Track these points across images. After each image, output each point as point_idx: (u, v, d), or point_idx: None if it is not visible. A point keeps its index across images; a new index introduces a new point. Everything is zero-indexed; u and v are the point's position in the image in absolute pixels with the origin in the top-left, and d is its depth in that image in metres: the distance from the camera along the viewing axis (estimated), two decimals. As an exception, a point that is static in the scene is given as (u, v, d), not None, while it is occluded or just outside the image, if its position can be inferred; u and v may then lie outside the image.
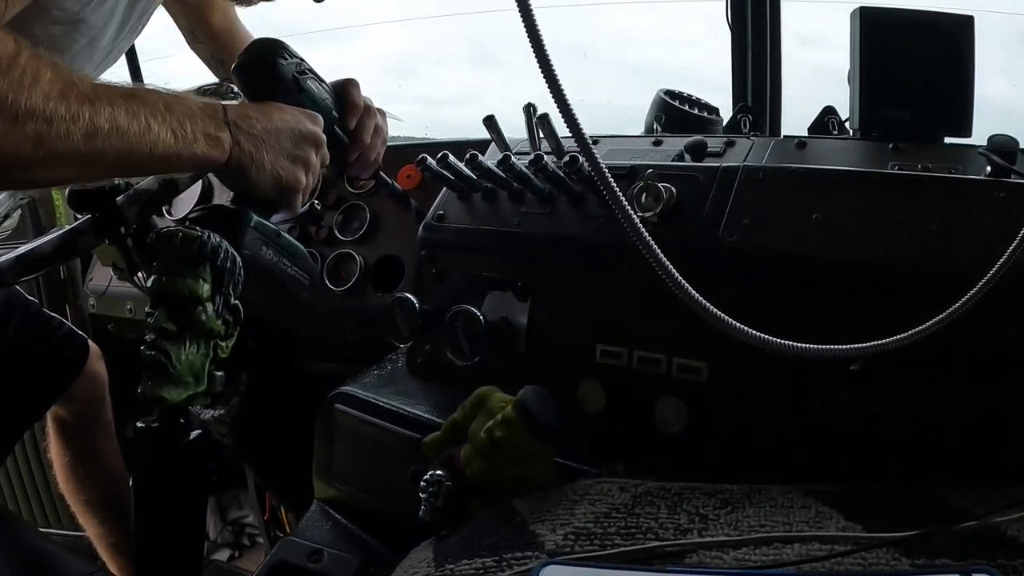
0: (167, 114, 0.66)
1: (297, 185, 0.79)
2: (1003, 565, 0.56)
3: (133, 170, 0.70)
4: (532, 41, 0.63)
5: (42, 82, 0.58)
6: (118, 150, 0.63)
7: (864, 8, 1.04)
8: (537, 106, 1.08)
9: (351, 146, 0.92)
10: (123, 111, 0.63)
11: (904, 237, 0.80)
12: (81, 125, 0.60)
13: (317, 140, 0.81)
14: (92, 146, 0.61)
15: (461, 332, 1.01)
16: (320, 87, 0.85)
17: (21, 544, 1.09)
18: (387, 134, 0.98)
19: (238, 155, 0.73)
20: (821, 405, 0.81)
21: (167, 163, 0.68)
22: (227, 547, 2.07)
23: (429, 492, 0.79)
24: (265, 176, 0.76)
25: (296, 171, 0.78)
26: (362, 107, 0.91)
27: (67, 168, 0.62)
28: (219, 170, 0.73)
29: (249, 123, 0.74)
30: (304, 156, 0.79)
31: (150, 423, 0.71)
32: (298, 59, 0.83)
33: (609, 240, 0.94)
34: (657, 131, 1.30)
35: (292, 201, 0.80)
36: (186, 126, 0.68)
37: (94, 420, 1.55)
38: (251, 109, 0.76)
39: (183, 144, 0.67)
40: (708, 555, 0.62)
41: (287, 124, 0.78)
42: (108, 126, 0.62)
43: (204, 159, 0.70)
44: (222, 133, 0.71)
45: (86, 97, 0.61)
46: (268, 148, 0.75)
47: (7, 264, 0.85)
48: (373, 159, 0.96)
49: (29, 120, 0.57)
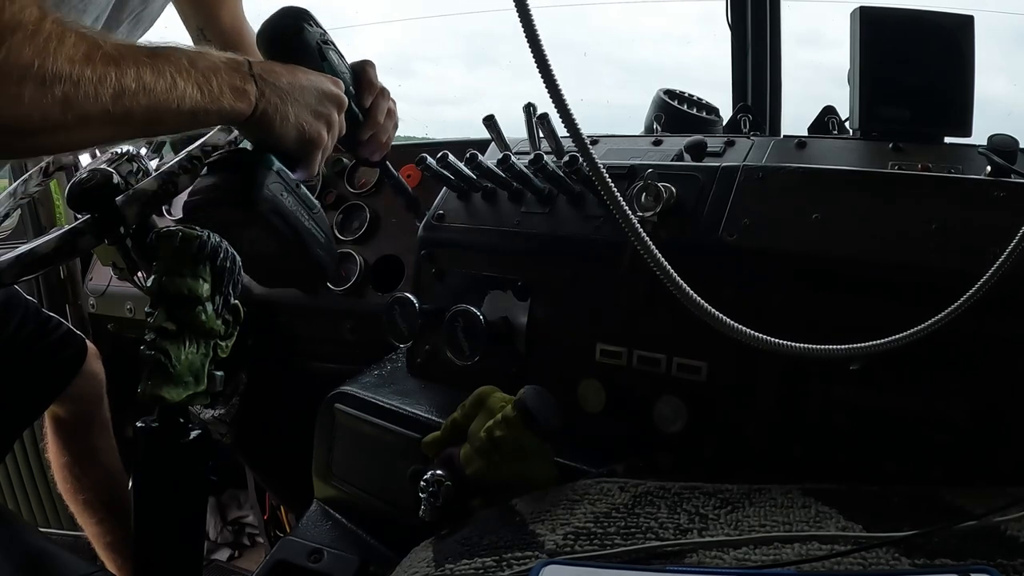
0: (192, 69, 0.67)
1: (319, 140, 0.80)
2: (1003, 565, 0.56)
3: (162, 128, 0.70)
4: (530, 41, 0.63)
5: (67, 46, 0.58)
6: (146, 108, 0.63)
7: (864, 8, 1.04)
8: (537, 106, 1.08)
9: (365, 124, 0.92)
10: (149, 69, 0.63)
11: (904, 236, 0.80)
12: (108, 86, 0.60)
13: (339, 100, 0.82)
14: (120, 106, 0.61)
15: (461, 332, 1.01)
16: (340, 60, 0.87)
17: (21, 543, 1.09)
18: (398, 120, 0.99)
19: (264, 106, 0.73)
20: (821, 405, 0.81)
21: (195, 118, 0.69)
22: (227, 547, 2.07)
23: (429, 492, 0.79)
24: (289, 128, 0.76)
25: (319, 126, 0.79)
26: (378, 87, 0.93)
27: (97, 129, 0.63)
28: (244, 122, 0.74)
29: (275, 76, 0.75)
30: (327, 113, 0.80)
31: (150, 423, 0.71)
32: (322, 29, 0.84)
33: (609, 239, 0.94)
34: (657, 131, 1.30)
35: (313, 156, 0.81)
36: (212, 80, 0.68)
37: (92, 419, 1.55)
38: (276, 65, 0.77)
39: (210, 98, 0.68)
40: (708, 555, 0.62)
41: (311, 82, 0.79)
42: (135, 85, 0.62)
43: (231, 112, 0.71)
44: (248, 85, 0.72)
45: (111, 58, 0.61)
46: (293, 101, 0.76)
47: (6, 264, 0.85)
48: (385, 140, 0.97)
49: (56, 84, 0.57)
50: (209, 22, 1.28)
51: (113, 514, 1.57)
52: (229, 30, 1.29)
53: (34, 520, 2.07)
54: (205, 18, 1.28)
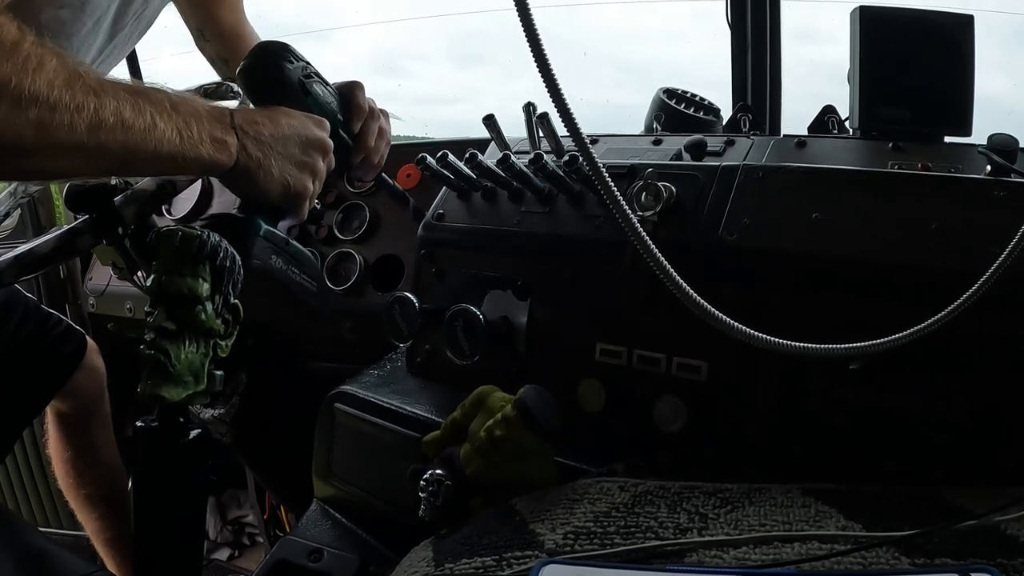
0: (173, 113, 0.65)
1: (305, 192, 0.78)
2: (1003, 564, 0.56)
3: (136, 168, 0.68)
4: (530, 41, 0.63)
5: (47, 69, 0.57)
6: (122, 145, 0.62)
7: (864, 7, 1.04)
8: (537, 105, 1.08)
9: (356, 149, 0.91)
10: (128, 106, 0.62)
11: (904, 236, 0.80)
12: (85, 116, 0.59)
13: (324, 146, 0.80)
14: (96, 139, 0.60)
15: (461, 331, 1.01)
16: (326, 91, 0.85)
17: (21, 543, 1.09)
18: (390, 136, 0.98)
19: (245, 160, 0.72)
20: (821, 404, 0.81)
21: (172, 163, 0.67)
22: (227, 546, 2.07)
23: (429, 491, 0.79)
24: (273, 183, 0.75)
25: (304, 178, 0.78)
26: (367, 110, 0.91)
27: (69, 159, 0.61)
28: (225, 175, 0.72)
29: (256, 129, 0.73)
30: (311, 163, 0.78)
31: (149, 422, 0.71)
32: (304, 62, 0.82)
33: (609, 239, 0.94)
34: (657, 130, 1.30)
35: (300, 208, 0.80)
36: (192, 127, 0.67)
37: (93, 414, 1.55)
38: (258, 115, 0.75)
39: (188, 145, 0.66)
40: (708, 554, 0.62)
41: (294, 130, 0.77)
42: (113, 119, 0.60)
43: (209, 162, 0.69)
44: (229, 137, 0.70)
45: (91, 88, 0.60)
46: (276, 154, 0.74)
47: (6, 264, 0.85)
48: (377, 162, 0.96)
49: (32, 106, 0.56)
50: (209, 22, 1.28)
51: (113, 510, 1.57)
52: (229, 31, 1.29)
53: (34, 520, 2.07)
54: (205, 18, 1.28)
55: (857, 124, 1.07)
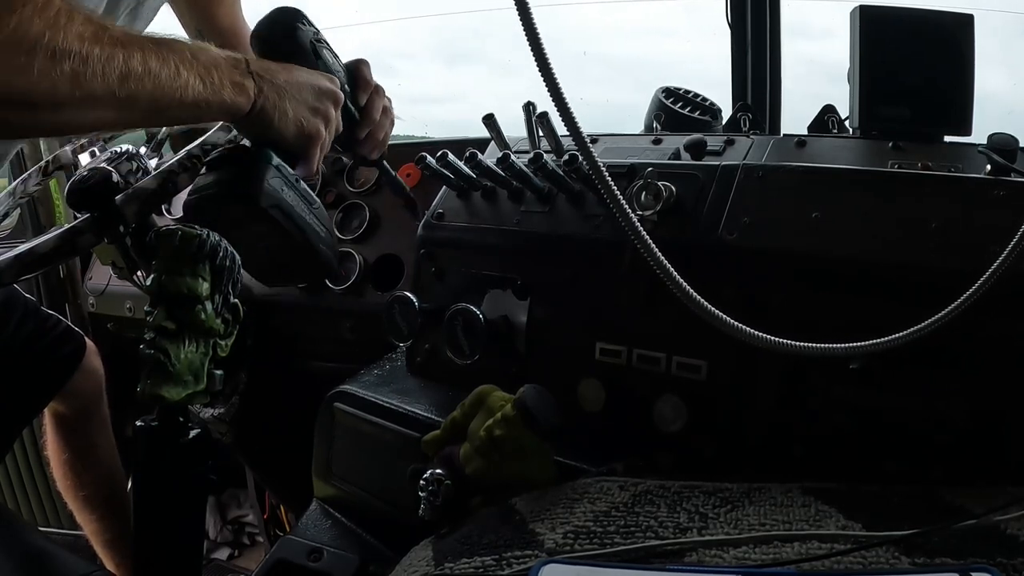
0: (194, 61, 0.67)
1: (318, 136, 0.80)
2: (1003, 564, 0.56)
3: (165, 116, 0.70)
4: (530, 40, 0.63)
5: (76, 23, 0.58)
6: (151, 93, 0.64)
7: (864, 6, 1.04)
8: (536, 104, 1.08)
9: (362, 122, 0.92)
10: (154, 56, 0.64)
11: (904, 235, 0.80)
12: (116, 66, 0.60)
13: (336, 97, 0.82)
14: (126, 88, 0.62)
15: (460, 331, 1.01)
16: (334, 59, 0.87)
17: (20, 543, 1.09)
18: (394, 116, 0.99)
19: (262, 102, 0.74)
20: (821, 403, 0.81)
21: (196, 109, 0.69)
22: (227, 546, 2.07)
23: (428, 491, 0.79)
24: (288, 124, 0.77)
25: (317, 122, 0.80)
26: (373, 85, 0.93)
27: (102, 110, 0.63)
28: (243, 118, 0.74)
29: (272, 74, 0.75)
30: (324, 110, 0.80)
31: (149, 422, 0.71)
32: (315, 28, 0.84)
33: (609, 238, 0.94)
34: (657, 129, 1.30)
35: (312, 152, 0.81)
36: (213, 73, 0.69)
37: (92, 415, 1.55)
38: (272, 63, 0.78)
39: (211, 90, 0.68)
40: (708, 554, 0.62)
41: (308, 79, 0.79)
42: (141, 69, 0.62)
43: (231, 105, 0.71)
44: (247, 81, 0.72)
45: (118, 40, 0.61)
46: (291, 98, 0.77)
47: (6, 263, 0.85)
48: (382, 138, 0.97)
49: (66, 59, 0.57)
50: (206, 23, 1.28)
51: (112, 511, 1.57)
52: (227, 31, 1.29)
53: (34, 520, 2.07)
54: (202, 19, 1.28)
55: (857, 123, 1.07)
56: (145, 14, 1.09)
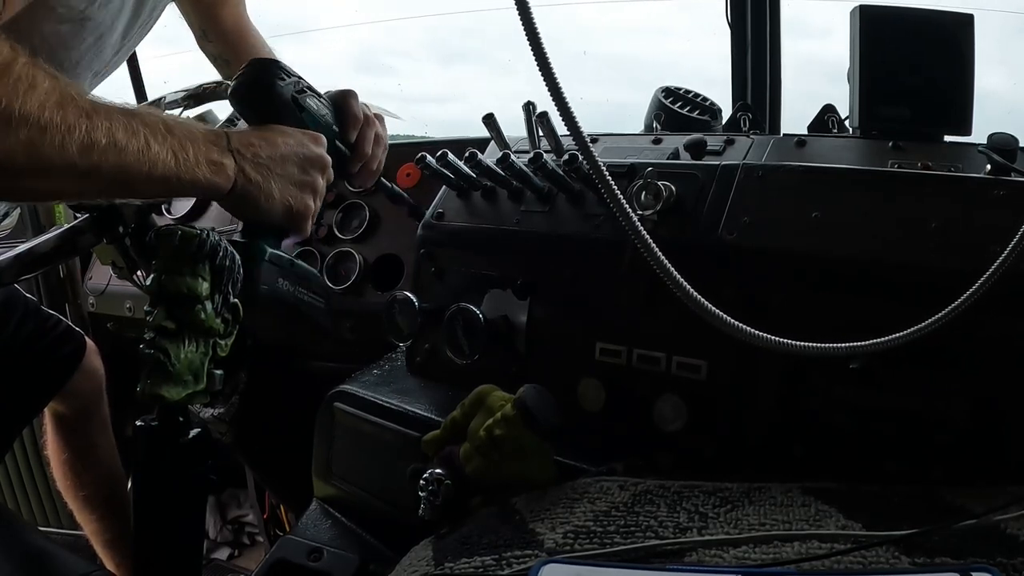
0: (168, 135, 0.65)
1: (307, 212, 0.78)
2: (1003, 563, 0.56)
3: (130, 190, 0.68)
4: (531, 40, 0.63)
5: (38, 90, 0.57)
6: (115, 166, 0.61)
7: (864, 6, 1.03)
8: (536, 104, 1.08)
9: (353, 158, 0.91)
10: (121, 127, 0.62)
11: (904, 235, 0.80)
12: (77, 137, 0.58)
13: (323, 163, 0.80)
14: (88, 160, 0.59)
15: (460, 330, 1.01)
16: (319, 103, 0.84)
17: (20, 542, 1.09)
18: (387, 141, 0.98)
19: (244, 183, 0.71)
20: (821, 403, 0.81)
21: (167, 185, 0.66)
22: (227, 546, 2.07)
23: (428, 490, 0.79)
24: (275, 205, 0.75)
25: (305, 197, 0.77)
26: (361, 119, 0.90)
27: (61, 180, 0.61)
28: (224, 198, 0.72)
29: (254, 151, 0.73)
30: (311, 181, 0.78)
31: (149, 421, 0.71)
32: (296, 77, 0.81)
33: (609, 238, 0.94)
34: (656, 129, 1.30)
35: (302, 227, 0.79)
36: (188, 149, 0.66)
37: (92, 415, 1.55)
38: (254, 136, 0.75)
39: (184, 167, 0.66)
40: (708, 553, 0.62)
41: (292, 149, 0.76)
42: (105, 141, 0.60)
43: (206, 184, 0.69)
44: (226, 159, 0.70)
45: (83, 110, 0.59)
46: (275, 176, 0.74)
47: (6, 263, 0.85)
48: (375, 168, 0.96)
49: (23, 127, 0.56)
50: (210, 23, 1.28)
51: (112, 511, 1.57)
52: (231, 31, 1.29)
53: (34, 519, 2.07)
54: (206, 19, 1.28)
55: (857, 123, 1.07)
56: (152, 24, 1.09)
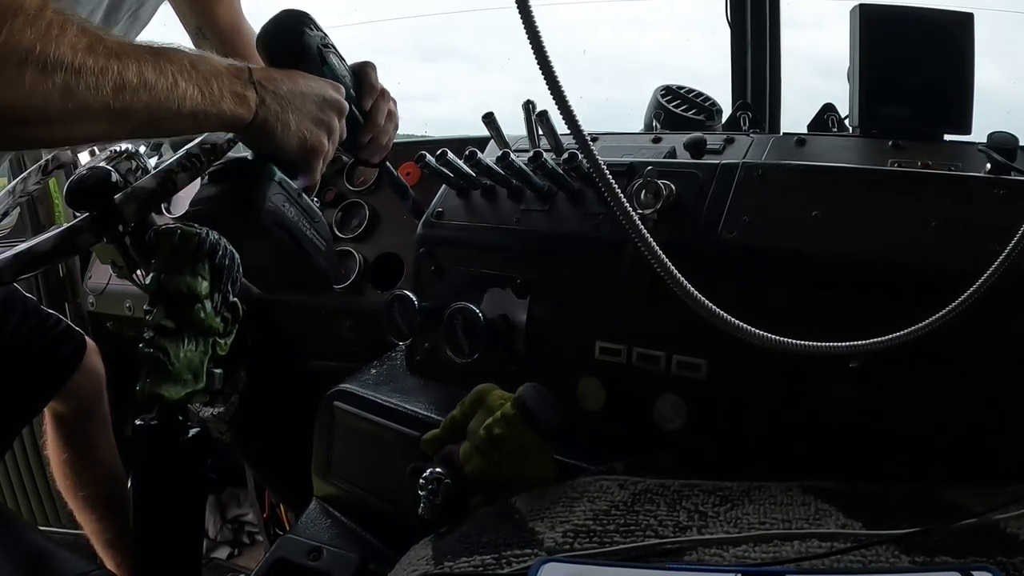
0: (193, 71, 0.66)
1: (321, 148, 0.79)
2: (1003, 562, 0.56)
3: (161, 128, 0.69)
4: (531, 39, 0.63)
5: (69, 34, 0.57)
6: (146, 105, 0.63)
7: (864, 5, 1.03)
8: (536, 103, 1.08)
9: (366, 126, 0.92)
10: (151, 66, 0.62)
11: (904, 234, 0.80)
12: (110, 78, 0.59)
13: (340, 107, 0.81)
14: (121, 100, 0.60)
15: (460, 329, 1.01)
16: (341, 64, 0.86)
17: (20, 542, 1.09)
18: (399, 121, 0.99)
19: (264, 114, 0.73)
20: (821, 402, 0.81)
21: (194, 120, 0.68)
22: (226, 545, 2.07)
23: (428, 489, 0.79)
24: (291, 136, 0.76)
25: (320, 134, 0.79)
26: (379, 89, 0.92)
27: (95, 123, 0.62)
28: (244, 129, 0.73)
29: (275, 84, 0.74)
30: (328, 121, 0.79)
31: (149, 421, 0.71)
32: (322, 32, 0.83)
33: (608, 237, 0.94)
34: (656, 128, 1.30)
35: (314, 164, 0.80)
36: (212, 84, 0.67)
37: (91, 415, 1.55)
38: (276, 72, 0.76)
39: (210, 101, 0.67)
40: (707, 552, 0.62)
41: (311, 89, 0.78)
42: (136, 80, 0.61)
43: (231, 117, 0.70)
44: (248, 91, 0.71)
45: (113, 51, 0.60)
46: (294, 109, 0.75)
47: (5, 262, 0.85)
48: (385, 143, 0.97)
49: (58, 71, 0.56)
50: (207, 21, 1.28)
51: (112, 511, 1.57)
52: (227, 29, 1.29)
53: (33, 519, 2.07)
54: (202, 17, 1.28)
55: (857, 122, 1.07)
56: (145, 14, 1.09)
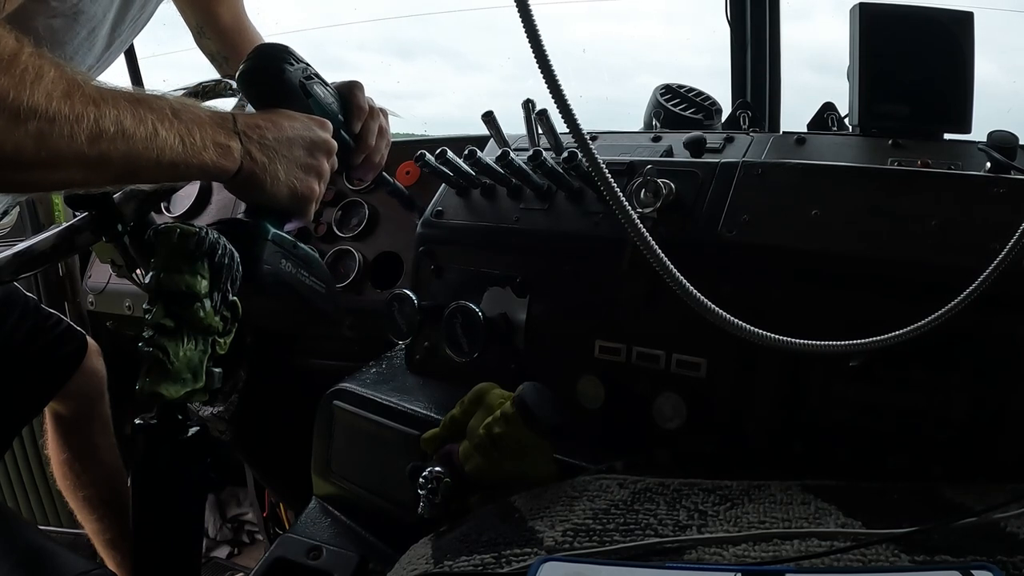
0: (174, 120, 0.65)
1: (311, 195, 0.78)
2: (1003, 561, 0.55)
3: (139, 176, 0.68)
4: (530, 38, 0.63)
5: (45, 80, 0.56)
6: (123, 154, 0.61)
7: (863, 4, 1.03)
8: (536, 102, 1.08)
9: (356, 149, 0.91)
10: (129, 114, 0.61)
11: (903, 233, 0.80)
12: (85, 126, 0.58)
13: (328, 148, 0.80)
14: (96, 149, 0.59)
15: (460, 328, 1.01)
16: (326, 91, 0.84)
17: (20, 541, 1.09)
18: (390, 135, 0.98)
19: (250, 166, 0.72)
20: (820, 401, 0.81)
21: (174, 170, 0.67)
22: (226, 544, 2.08)
23: (428, 488, 0.79)
24: (280, 187, 0.75)
25: (310, 181, 0.77)
26: (367, 110, 0.91)
27: (70, 171, 0.61)
28: (229, 180, 0.72)
29: (260, 133, 0.73)
30: (317, 165, 0.78)
31: (148, 420, 0.71)
32: (304, 64, 0.82)
33: (608, 236, 0.94)
34: (656, 127, 1.30)
35: (306, 211, 0.79)
36: (195, 133, 0.66)
37: (92, 416, 1.55)
38: (260, 119, 0.75)
39: (191, 151, 0.66)
40: (707, 551, 0.62)
41: (298, 133, 0.76)
42: (113, 129, 0.60)
43: (213, 168, 0.69)
44: (232, 142, 0.70)
45: (91, 98, 0.59)
46: (281, 158, 0.74)
47: (5, 261, 0.85)
48: (378, 161, 0.96)
49: (31, 118, 0.55)
50: (208, 20, 1.28)
51: (113, 511, 1.57)
52: (229, 27, 1.29)
53: (33, 518, 2.07)
54: (204, 16, 1.27)
55: (857, 121, 1.07)
56: (145, 18, 1.09)
